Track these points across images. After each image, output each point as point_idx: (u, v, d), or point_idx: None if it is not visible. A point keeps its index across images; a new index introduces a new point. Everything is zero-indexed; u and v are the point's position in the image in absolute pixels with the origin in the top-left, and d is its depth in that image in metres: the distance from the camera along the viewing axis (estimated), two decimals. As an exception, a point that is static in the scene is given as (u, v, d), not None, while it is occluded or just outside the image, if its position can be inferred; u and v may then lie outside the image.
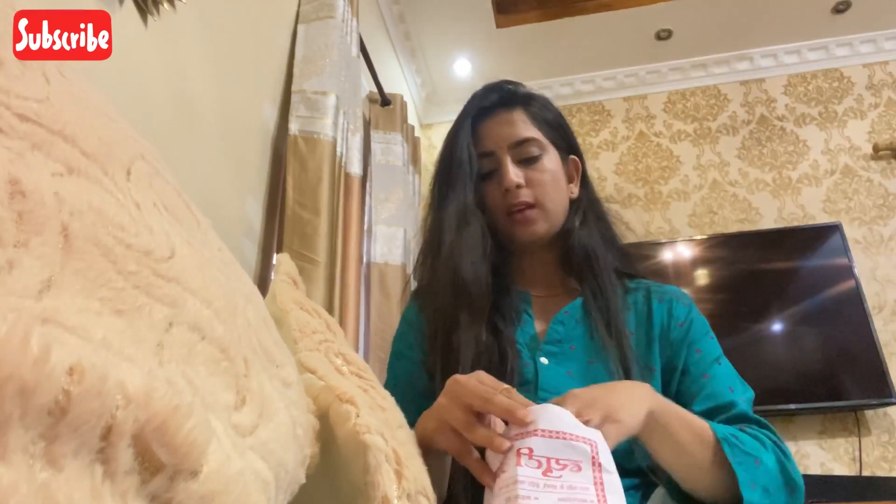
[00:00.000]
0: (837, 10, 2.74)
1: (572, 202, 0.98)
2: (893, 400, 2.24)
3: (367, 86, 2.24)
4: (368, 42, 2.04)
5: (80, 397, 0.20)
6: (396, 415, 0.52)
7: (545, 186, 0.93)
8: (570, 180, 0.99)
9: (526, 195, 0.91)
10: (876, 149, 2.74)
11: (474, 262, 0.89)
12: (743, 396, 0.83)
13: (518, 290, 0.96)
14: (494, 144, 0.94)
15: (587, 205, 0.99)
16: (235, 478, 0.28)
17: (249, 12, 1.40)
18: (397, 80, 2.78)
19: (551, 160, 0.95)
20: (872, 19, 2.79)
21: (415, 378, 0.89)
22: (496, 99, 0.98)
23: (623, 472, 0.78)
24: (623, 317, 0.88)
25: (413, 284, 1.04)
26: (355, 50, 1.78)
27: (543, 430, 0.52)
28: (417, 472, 0.43)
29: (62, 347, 0.21)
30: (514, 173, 0.91)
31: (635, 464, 0.80)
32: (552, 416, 0.55)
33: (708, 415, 0.80)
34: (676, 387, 0.86)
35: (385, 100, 2.29)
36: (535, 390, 0.83)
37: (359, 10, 1.83)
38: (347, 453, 0.43)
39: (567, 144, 1.00)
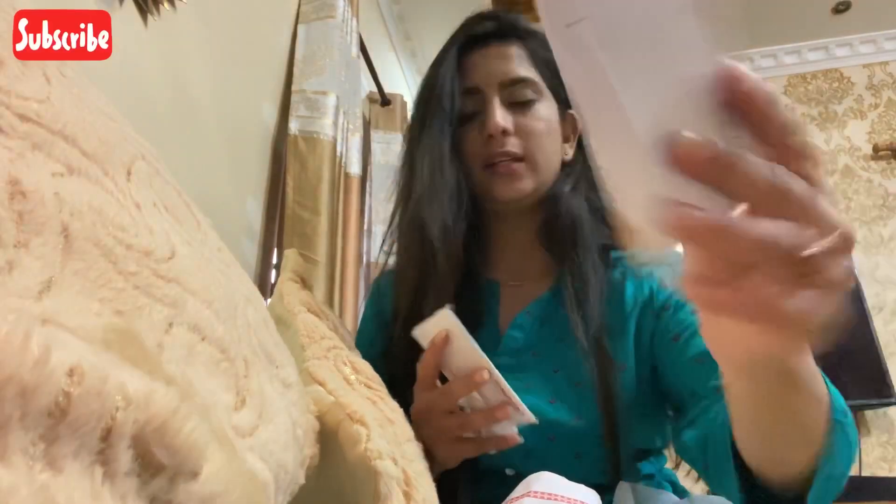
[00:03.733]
0: (837, 10, 2.74)
1: (565, 164, 0.83)
2: (893, 400, 2.24)
3: (367, 86, 2.24)
4: (368, 42, 2.04)
5: (80, 399, 0.20)
6: (405, 428, 0.51)
7: (537, 137, 0.78)
8: (565, 139, 0.84)
9: (513, 145, 0.77)
10: (876, 149, 2.74)
11: (447, 222, 0.75)
12: None
13: (486, 278, 0.83)
14: (482, 80, 0.80)
15: (581, 170, 0.83)
16: (235, 479, 0.28)
17: (249, 12, 1.40)
18: (397, 80, 2.78)
19: (547, 108, 0.81)
20: (872, 19, 2.79)
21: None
22: (491, 28, 0.83)
23: (594, 472, 0.69)
24: (601, 308, 0.74)
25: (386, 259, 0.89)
26: (355, 50, 1.78)
27: (536, 492, 0.54)
28: (427, 493, 0.43)
29: (62, 348, 0.21)
30: (501, 116, 0.77)
31: (603, 455, 0.71)
32: (546, 480, 0.56)
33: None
34: (667, 354, 0.72)
35: (385, 100, 2.29)
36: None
37: (359, 10, 1.83)
38: (357, 477, 0.42)
39: (567, 96, 0.87)
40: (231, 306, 0.36)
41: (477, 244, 0.83)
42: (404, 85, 2.91)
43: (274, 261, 1.40)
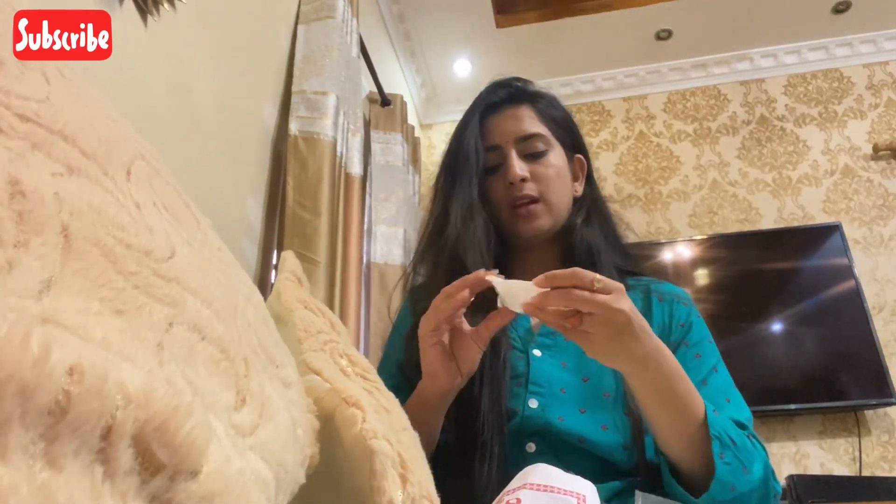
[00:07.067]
0: (837, 10, 2.74)
1: (576, 200, 0.99)
2: (893, 400, 2.24)
3: (367, 86, 2.24)
4: (368, 42, 2.04)
5: (80, 397, 0.20)
6: (401, 417, 0.52)
7: (550, 181, 0.94)
8: (574, 178, 1.00)
9: (530, 189, 0.92)
10: (876, 149, 2.74)
11: (479, 254, 0.89)
12: (740, 415, 0.80)
13: None
14: (501, 139, 0.95)
15: (591, 203, 1.00)
16: (235, 478, 0.28)
17: (249, 12, 1.40)
18: (397, 80, 2.78)
19: (557, 156, 0.97)
20: (872, 19, 2.79)
21: (393, 380, 0.88)
22: (504, 95, 0.99)
23: (615, 472, 0.78)
24: None
25: (411, 278, 1.03)
26: (355, 50, 1.78)
27: (532, 484, 0.54)
28: (422, 477, 0.43)
29: (62, 348, 0.21)
30: (519, 167, 0.92)
31: (629, 462, 0.79)
32: (543, 472, 0.57)
33: None
34: None
35: (385, 100, 2.29)
36: (525, 384, 0.83)
37: (359, 10, 1.83)
38: (353, 458, 0.43)
39: (573, 143, 1.01)
40: (231, 306, 0.36)
41: (510, 269, 0.96)
42: (404, 85, 2.91)
43: (274, 261, 1.40)
